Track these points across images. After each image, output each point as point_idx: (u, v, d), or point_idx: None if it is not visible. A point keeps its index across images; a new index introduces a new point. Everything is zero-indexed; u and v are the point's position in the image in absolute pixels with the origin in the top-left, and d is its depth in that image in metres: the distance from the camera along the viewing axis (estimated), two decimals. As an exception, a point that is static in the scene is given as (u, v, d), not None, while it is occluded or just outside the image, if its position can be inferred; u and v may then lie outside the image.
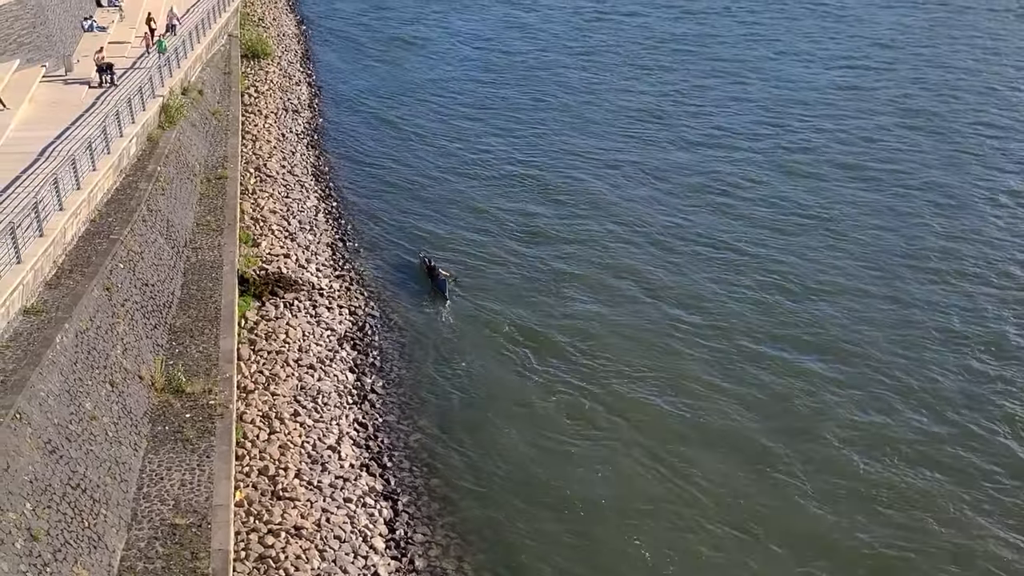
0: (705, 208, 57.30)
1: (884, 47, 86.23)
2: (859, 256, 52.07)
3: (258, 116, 67.78)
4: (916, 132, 67.80)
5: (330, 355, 42.85)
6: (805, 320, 46.41)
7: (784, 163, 62.80)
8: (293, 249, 51.02)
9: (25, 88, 52.63)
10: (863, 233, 54.29)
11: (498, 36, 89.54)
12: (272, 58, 79.60)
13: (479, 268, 50.89)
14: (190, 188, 49.46)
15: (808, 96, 74.70)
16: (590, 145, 65.63)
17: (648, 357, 43.75)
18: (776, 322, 46.31)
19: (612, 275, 50.31)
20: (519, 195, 58.68)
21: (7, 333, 31.76)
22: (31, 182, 41.20)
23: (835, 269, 50.79)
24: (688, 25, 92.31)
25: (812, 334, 45.37)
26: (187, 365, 36.66)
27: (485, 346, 44.56)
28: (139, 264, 39.78)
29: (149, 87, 53.27)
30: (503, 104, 73.31)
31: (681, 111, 71.39)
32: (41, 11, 58.50)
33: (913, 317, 46.73)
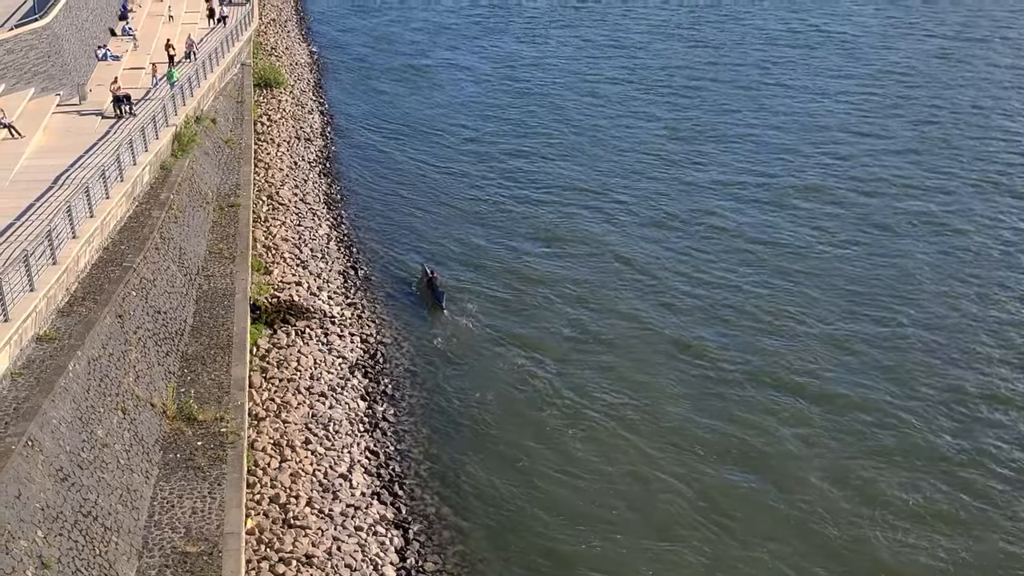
0: (710, 237, 57.38)
1: (896, 79, 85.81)
2: (865, 293, 51.85)
3: (271, 144, 68.03)
4: (928, 166, 67.39)
5: (341, 383, 42.84)
6: (817, 361, 46.18)
7: (793, 198, 62.36)
8: (305, 277, 51.11)
9: (39, 117, 52.89)
10: (874, 269, 54.00)
11: (507, 68, 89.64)
12: (285, 87, 79.94)
13: (488, 295, 50.89)
14: (203, 216, 49.59)
15: (820, 130, 74.31)
16: (596, 175, 65.60)
17: (662, 385, 43.74)
18: (782, 356, 46.27)
19: (614, 300, 50.34)
20: (529, 226, 58.61)
21: (20, 360, 31.81)
22: (45, 210, 41.35)
23: (845, 309, 50.71)
24: (698, 57, 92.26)
25: (823, 378, 45.24)
26: (199, 393, 36.67)
27: (496, 374, 44.50)
28: (151, 292, 39.86)
29: (162, 116, 53.49)
30: (512, 135, 73.39)
31: (689, 144, 71.16)
32: (56, 40, 58.85)
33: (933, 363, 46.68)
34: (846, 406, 41.93)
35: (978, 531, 35.61)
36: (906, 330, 47.88)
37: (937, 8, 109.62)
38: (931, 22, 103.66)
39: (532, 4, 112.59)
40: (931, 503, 36.86)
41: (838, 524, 35.74)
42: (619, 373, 44.69)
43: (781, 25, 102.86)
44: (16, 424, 28.21)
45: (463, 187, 64.03)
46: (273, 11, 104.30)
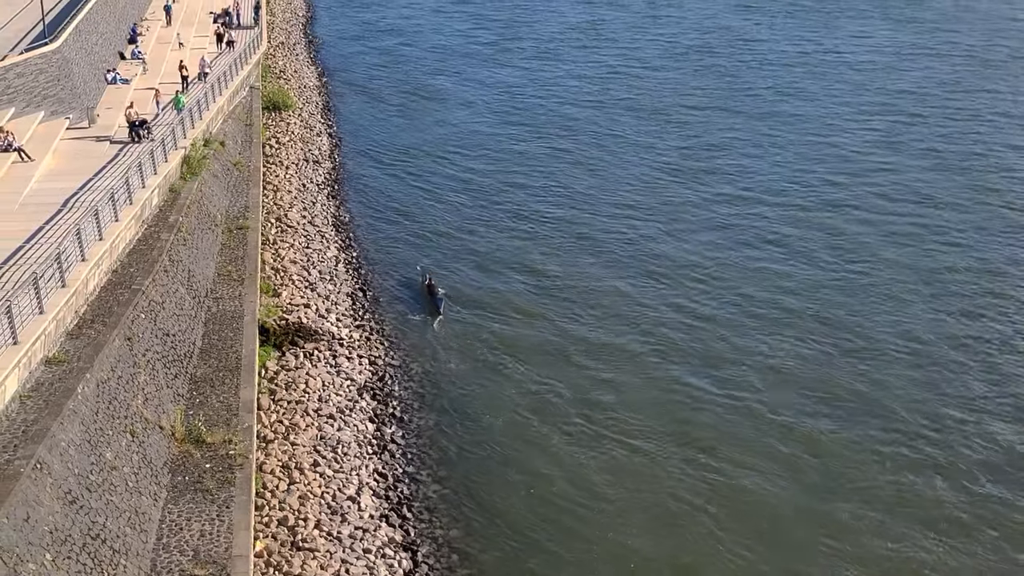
0: (720, 255, 57.38)
1: (909, 103, 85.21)
2: (888, 312, 51.85)
3: (279, 167, 68.20)
4: (944, 186, 67.16)
5: (350, 405, 42.83)
6: (834, 398, 46.03)
7: (807, 218, 62.30)
8: (313, 299, 51.15)
9: (49, 140, 53.09)
10: (894, 287, 53.98)
11: (516, 91, 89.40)
12: (293, 110, 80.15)
13: (497, 317, 50.90)
14: (211, 238, 49.70)
15: (832, 153, 73.83)
16: (604, 198, 65.44)
17: (673, 401, 43.73)
18: (795, 370, 46.24)
19: (620, 318, 50.36)
20: (538, 247, 58.61)
21: (29, 383, 31.85)
22: (54, 233, 41.46)
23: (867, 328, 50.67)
24: (709, 81, 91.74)
25: (842, 398, 45.22)
26: (207, 415, 36.68)
27: (504, 395, 44.49)
28: (160, 314, 39.92)
29: (171, 139, 53.67)
30: (522, 156, 73.37)
31: (698, 169, 70.73)
32: (65, 64, 59.12)
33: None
34: (873, 452, 41.51)
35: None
36: (919, 351, 47.90)
37: (949, 31, 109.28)
38: (944, 45, 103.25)
39: (542, 28, 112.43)
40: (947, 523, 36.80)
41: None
42: (626, 391, 44.67)
43: (793, 48, 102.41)
44: (25, 447, 28.24)
45: (471, 209, 64.02)
46: (282, 34, 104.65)
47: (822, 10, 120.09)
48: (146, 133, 54.37)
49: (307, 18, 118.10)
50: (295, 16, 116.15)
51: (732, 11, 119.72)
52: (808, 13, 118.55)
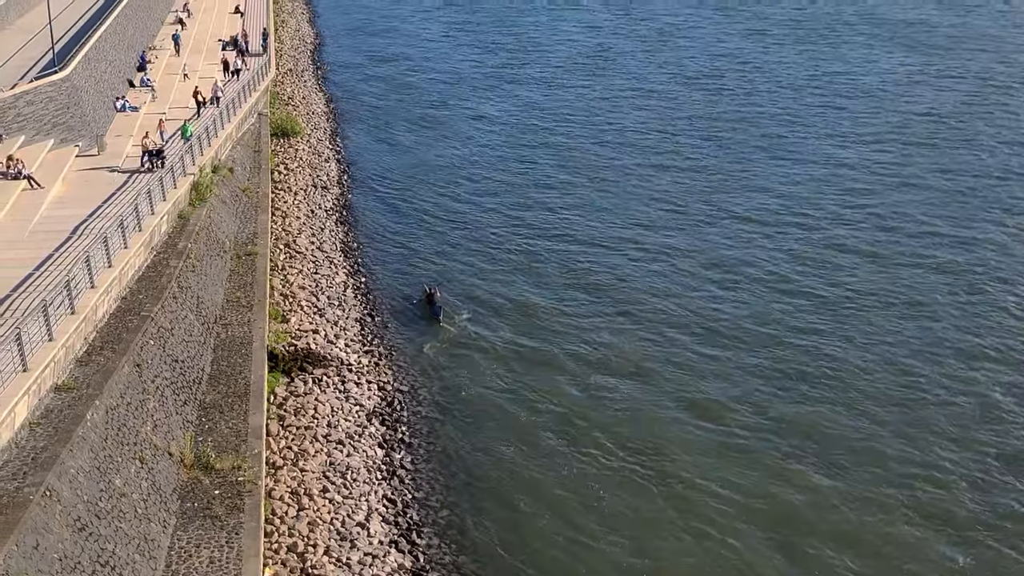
0: (722, 283, 57.29)
1: (920, 128, 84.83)
2: (902, 350, 51.50)
3: (288, 193, 68.37)
4: (954, 215, 66.62)
5: (359, 430, 42.78)
6: (849, 420, 46.02)
7: (813, 251, 61.69)
8: (322, 325, 51.17)
9: (58, 167, 53.30)
10: (899, 321, 53.63)
11: (525, 117, 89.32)
12: (302, 136, 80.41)
13: (508, 344, 50.86)
14: (220, 265, 49.79)
15: (843, 179, 73.43)
16: (612, 224, 65.26)
17: (683, 421, 43.66)
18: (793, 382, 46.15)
19: (628, 344, 50.34)
20: (548, 274, 58.42)
21: (38, 410, 31.88)
22: (63, 260, 41.58)
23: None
24: (719, 106, 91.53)
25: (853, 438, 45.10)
26: (216, 441, 36.67)
27: (518, 423, 44.37)
28: (169, 341, 39.96)
29: (180, 166, 53.84)
30: (530, 182, 73.22)
31: (709, 193, 70.54)
32: (75, 92, 59.41)
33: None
34: (868, 497, 41.25)
35: None
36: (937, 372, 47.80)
37: (958, 56, 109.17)
38: (953, 70, 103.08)
39: (550, 54, 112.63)
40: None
41: None
42: (636, 420, 44.52)
43: (801, 74, 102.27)
44: (34, 474, 28.25)
45: (480, 234, 64.02)
46: (290, 61, 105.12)
47: (830, 35, 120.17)
48: (159, 163, 54.37)
49: (315, 45, 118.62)
50: (303, 43, 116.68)
51: (740, 37, 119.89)
52: (816, 39, 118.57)
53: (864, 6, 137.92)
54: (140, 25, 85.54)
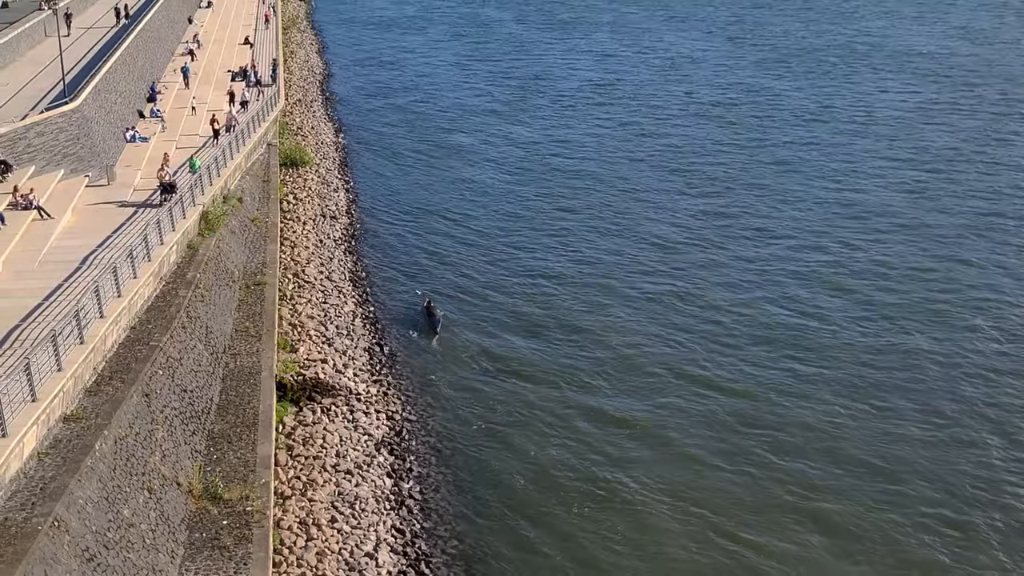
0: (736, 314, 57.27)
1: (933, 160, 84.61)
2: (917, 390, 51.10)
3: (296, 223, 68.53)
4: (971, 244, 66.42)
5: (367, 460, 42.71)
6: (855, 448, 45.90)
7: (828, 279, 61.47)
8: (330, 354, 51.18)
9: (68, 198, 53.46)
10: (915, 350, 53.48)
11: (534, 146, 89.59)
12: (310, 166, 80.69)
13: (518, 375, 50.82)
14: (229, 294, 49.85)
15: (856, 209, 73.27)
16: (625, 255, 65.14)
17: (696, 447, 43.55)
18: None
19: (636, 373, 50.29)
20: (558, 304, 58.47)
21: (47, 440, 31.87)
22: (73, 290, 41.65)
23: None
24: (730, 138, 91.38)
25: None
26: (225, 471, 36.61)
27: (528, 452, 44.28)
28: (178, 370, 39.97)
29: (189, 196, 53.96)
30: (538, 212, 73.32)
31: (720, 224, 70.40)
32: (85, 123, 59.67)
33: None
34: (891, 529, 41.15)
35: None
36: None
37: (971, 85, 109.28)
38: (966, 99, 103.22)
39: (559, 84, 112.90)
40: None
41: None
42: (647, 450, 44.46)
43: (814, 103, 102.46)
44: (43, 504, 28.21)
45: (489, 264, 64.03)
46: (299, 92, 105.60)
47: (841, 65, 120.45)
48: (169, 197, 54.14)
49: (324, 76, 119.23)
50: (312, 74, 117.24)
51: (751, 67, 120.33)
52: (828, 69, 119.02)
53: (875, 36, 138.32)
54: (150, 56, 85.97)
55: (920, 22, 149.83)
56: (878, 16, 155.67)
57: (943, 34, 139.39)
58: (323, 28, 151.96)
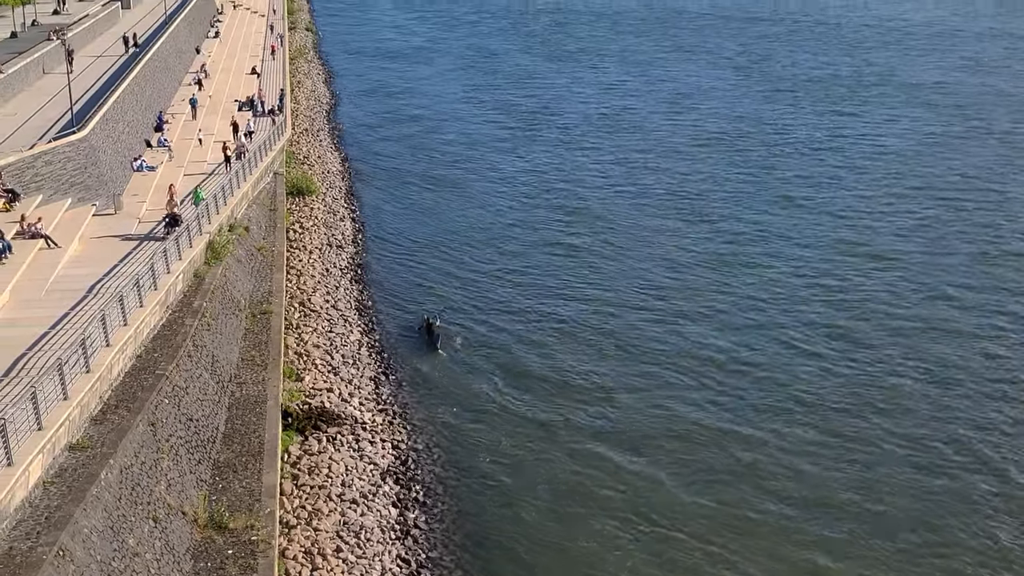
0: (743, 348, 57.17)
1: (948, 187, 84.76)
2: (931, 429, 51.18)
3: (303, 251, 68.64)
4: (976, 278, 66.01)
5: (373, 489, 42.62)
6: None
7: (836, 316, 60.80)
8: (336, 383, 51.15)
9: (75, 227, 53.61)
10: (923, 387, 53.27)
11: (541, 177, 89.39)
12: (317, 195, 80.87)
13: (525, 405, 50.75)
14: (235, 323, 49.90)
15: (865, 241, 72.91)
16: (633, 288, 64.63)
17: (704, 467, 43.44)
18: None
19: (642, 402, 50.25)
20: (565, 335, 58.27)
21: (52, 469, 31.85)
22: (79, 319, 41.71)
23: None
24: (739, 167, 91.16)
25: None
26: (230, 500, 36.54)
27: (535, 481, 44.16)
28: (184, 399, 39.97)
29: (196, 225, 54.08)
30: (545, 242, 73.15)
31: (726, 256, 69.90)
32: (93, 152, 59.91)
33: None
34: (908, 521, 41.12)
35: None
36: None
37: (979, 117, 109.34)
38: (978, 131, 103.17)
39: (566, 115, 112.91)
40: None
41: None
42: (656, 477, 44.34)
43: (823, 135, 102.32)
44: (48, 533, 28.17)
45: (496, 295, 63.92)
46: (306, 121, 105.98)
47: (851, 97, 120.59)
48: (172, 230, 53.78)
49: (331, 105, 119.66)
50: (319, 103, 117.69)
51: (759, 98, 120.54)
52: (837, 100, 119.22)
53: (883, 67, 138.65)
54: (158, 86, 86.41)
55: (928, 53, 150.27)
56: (886, 47, 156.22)
57: (952, 65, 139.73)
58: (330, 58, 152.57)
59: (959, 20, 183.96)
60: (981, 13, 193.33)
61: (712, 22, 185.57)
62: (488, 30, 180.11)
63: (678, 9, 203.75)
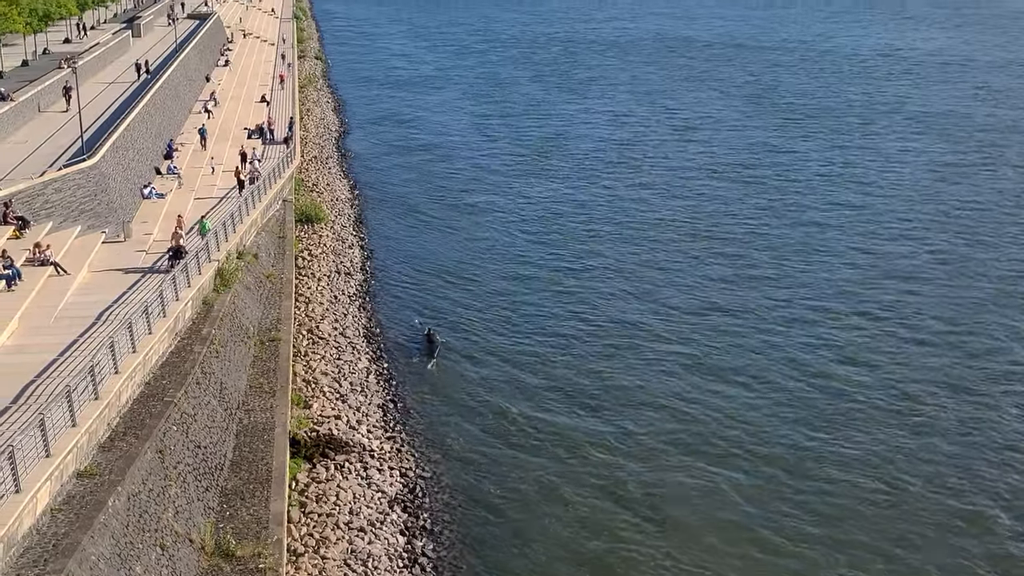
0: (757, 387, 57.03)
1: (961, 216, 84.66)
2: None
3: (311, 279, 68.72)
4: (1000, 309, 65.68)
5: (380, 517, 42.52)
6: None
7: (855, 350, 60.07)
8: (344, 411, 51.11)
9: (85, 254, 53.73)
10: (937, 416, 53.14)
11: (552, 207, 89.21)
12: (326, 222, 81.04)
13: (535, 434, 50.65)
14: (244, 350, 49.90)
15: (881, 274, 72.13)
16: (648, 322, 63.99)
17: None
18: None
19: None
20: (576, 365, 58.17)
21: (60, 496, 31.81)
22: (88, 346, 41.75)
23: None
24: (751, 198, 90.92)
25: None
26: (237, 528, 36.45)
27: (543, 510, 44.04)
28: (192, 426, 39.94)
29: (205, 253, 54.16)
30: (557, 273, 72.77)
31: (740, 289, 69.38)
32: (103, 180, 60.12)
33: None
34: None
35: None
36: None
37: (995, 147, 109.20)
38: (990, 161, 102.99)
39: (577, 144, 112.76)
40: None
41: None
42: (670, 501, 44.22)
43: (835, 165, 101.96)
44: (55, 561, 28.11)
45: (502, 325, 63.72)
46: (315, 149, 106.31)
47: (862, 127, 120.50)
48: (177, 262, 53.45)
49: (340, 133, 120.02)
50: (328, 131, 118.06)
51: (769, 128, 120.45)
52: (847, 130, 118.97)
53: (894, 96, 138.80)
54: (168, 113, 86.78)
55: (939, 82, 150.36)
56: (896, 76, 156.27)
57: (963, 94, 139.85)
58: (339, 86, 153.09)
59: (970, 49, 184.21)
60: (991, 43, 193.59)
61: (722, 51, 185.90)
62: (498, 59, 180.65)
63: (688, 38, 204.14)
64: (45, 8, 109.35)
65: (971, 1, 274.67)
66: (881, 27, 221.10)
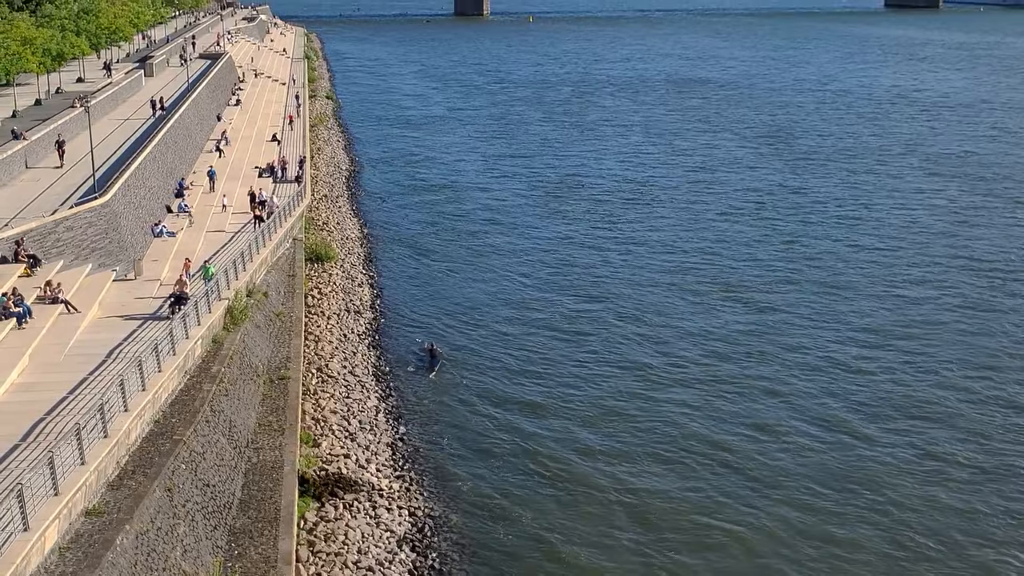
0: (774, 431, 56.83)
1: (978, 258, 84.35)
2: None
3: (321, 317, 68.77)
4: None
5: (389, 557, 42.34)
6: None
7: (875, 397, 59.66)
8: (353, 449, 51.00)
9: (95, 292, 53.90)
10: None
11: (566, 249, 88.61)
12: (335, 261, 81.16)
13: (544, 474, 50.47)
14: (253, 389, 49.92)
15: (902, 313, 71.84)
16: (663, 368, 63.01)
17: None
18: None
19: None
20: (587, 404, 57.96)
21: (68, 534, 31.77)
22: (98, 384, 41.81)
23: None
24: (772, 242, 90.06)
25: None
26: (245, 567, 36.37)
27: (553, 551, 43.76)
28: (201, 465, 39.91)
29: (216, 292, 54.29)
30: (570, 314, 72.29)
31: (759, 332, 68.57)
32: (114, 218, 60.39)
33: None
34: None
35: None
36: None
37: (1008, 189, 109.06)
38: (1004, 203, 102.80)
39: (593, 185, 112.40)
40: None
41: None
42: (683, 531, 43.95)
43: (851, 206, 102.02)
44: (62, 600, 28.05)
45: (514, 364, 63.38)
46: (325, 187, 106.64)
47: (878, 168, 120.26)
48: (178, 308, 53.11)
49: (350, 172, 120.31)
50: (338, 170, 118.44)
51: (783, 169, 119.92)
52: (863, 171, 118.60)
53: (909, 138, 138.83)
54: (180, 152, 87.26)
55: (955, 123, 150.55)
56: (911, 118, 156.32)
57: (979, 135, 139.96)
58: (350, 125, 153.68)
59: (985, 90, 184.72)
60: (1006, 84, 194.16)
61: (735, 92, 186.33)
62: (508, 99, 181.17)
63: (701, 79, 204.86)
64: (59, 48, 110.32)
65: (984, 44, 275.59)
66: (895, 68, 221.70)
